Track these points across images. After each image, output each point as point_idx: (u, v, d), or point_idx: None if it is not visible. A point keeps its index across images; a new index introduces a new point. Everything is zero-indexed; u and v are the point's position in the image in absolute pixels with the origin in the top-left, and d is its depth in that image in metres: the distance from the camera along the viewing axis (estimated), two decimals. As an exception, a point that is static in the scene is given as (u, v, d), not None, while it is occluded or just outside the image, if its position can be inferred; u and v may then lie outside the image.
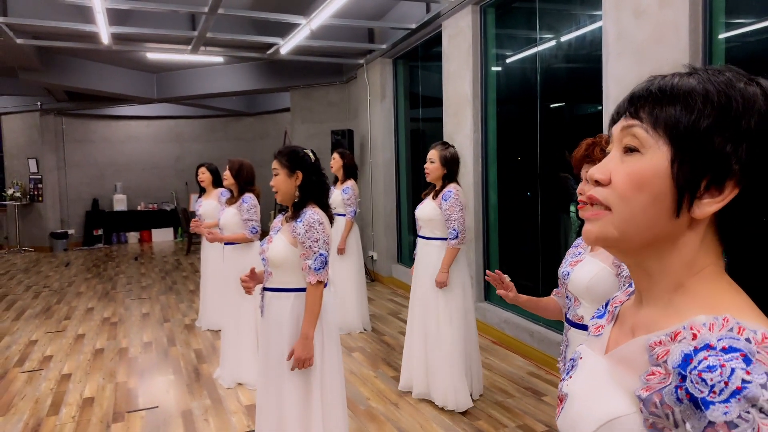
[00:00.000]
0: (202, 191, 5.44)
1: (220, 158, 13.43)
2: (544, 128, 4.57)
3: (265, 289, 2.46)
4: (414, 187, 7.31)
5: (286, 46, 6.31)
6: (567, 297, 1.88)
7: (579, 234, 4.96)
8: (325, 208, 2.40)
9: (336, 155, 5.23)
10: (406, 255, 7.46)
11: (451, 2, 5.07)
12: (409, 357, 3.66)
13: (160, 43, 6.87)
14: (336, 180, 5.38)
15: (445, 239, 3.45)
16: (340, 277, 5.14)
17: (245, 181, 3.99)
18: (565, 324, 1.89)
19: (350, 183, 5.19)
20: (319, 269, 2.29)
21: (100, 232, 12.30)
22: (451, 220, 3.36)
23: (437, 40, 5.99)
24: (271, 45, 6.83)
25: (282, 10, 5.66)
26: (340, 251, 5.16)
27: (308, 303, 2.31)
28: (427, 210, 3.48)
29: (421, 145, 7.09)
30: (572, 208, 5.14)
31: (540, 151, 4.59)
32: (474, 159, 5.13)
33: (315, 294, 2.31)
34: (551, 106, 4.69)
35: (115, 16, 5.82)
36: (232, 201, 4.04)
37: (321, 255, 2.30)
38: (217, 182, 5.34)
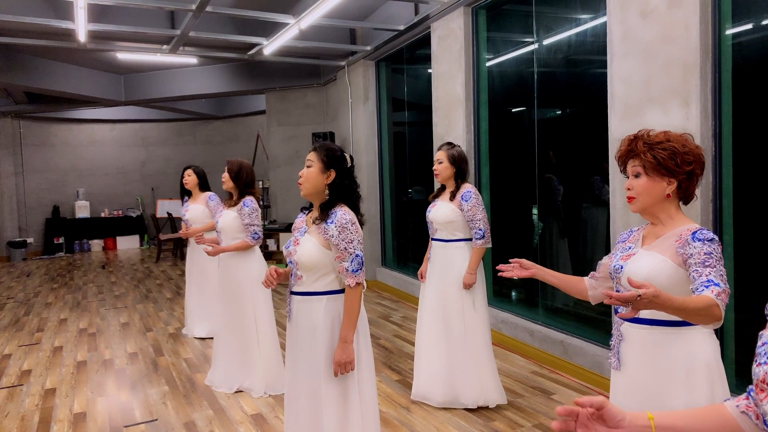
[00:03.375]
0: (187, 194, 5.23)
1: (188, 162, 13.06)
2: (538, 130, 4.60)
3: (293, 293, 2.35)
4: (398, 190, 7.27)
5: (271, 47, 6.18)
6: (618, 291, 1.86)
7: (544, 235, 5.02)
8: (356, 210, 2.32)
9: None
10: (390, 258, 7.41)
11: (443, 3, 5.06)
12: (427, 365, 3.53)
13: (138, 42, 6.62)
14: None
15: (467, 240, 3.40)
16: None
17: (245, 184, 3.85)
18: (618, 319, 1.87)
19: None
20: (356, 271, 2.21)
21: (61, 240, 11.78)
22: (476, 220, 3.34)
23: (423, 41, 5.99)
24: (252, 45, 6.68)
25: (264, 8, 5.54)
26: None
27: (347, 306, 2.23)
28: (444, 212, 3.41)
29: (405, 148, 7.06)
30: (534, 211, 5.21)
31: (535, 154, 4.62)
32: (467, 160, 5.12)
33: (354, 297, 2.22)
34: (544, 108, 4.72)
35: (90, 14, 5.57)
36: (231, 203, 3.89)
37: (357, 256, 2.22)
38: (204, 185, 5.15)
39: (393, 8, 6.20)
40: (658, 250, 1.74)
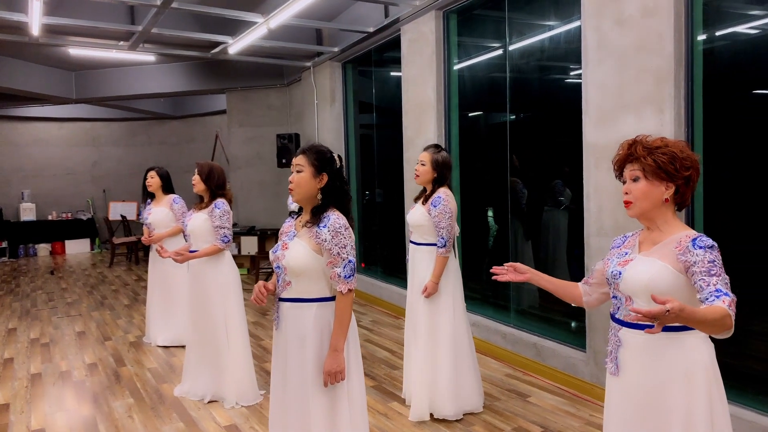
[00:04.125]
0: (149, 197, 5.03)
1: (142, 164, 12.62)
2: (509, 134, 4.64)
3: (281, 299, 2.27)
4: (364, 192, 7.22)
5: (237, 45, 6.02)
6: (615, 297, 1.86)
7: (514, 237, 5.12)
8: (347, 214, 2.26)
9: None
10: (357, 261, 7.33)
11: (415, 6, 5.05)
12: (408, 369, 3.54)
13: (95, 38, 6.33)
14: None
15: (435, 245, 3.38)
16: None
17: (217, 185, 3.72)
18: (614, 324, 1.87)
19: None
20: (349, 277, 2.15)
21: (4, 244, 11.16)
22: (440, 228, 3.29)
23: (391, 44, 5.97)
24: (215, 44, 6.50)
25: (228, 6, 5.36)
26: None
27: (339, 313, 2.16)
28: (416, 216, 3.40)
29: (373, 150, 7.02)
30: (490, 213, 5.29)
31: (507, 157, 4.67)
32: (438, 163, 5.12)
33: (346, 303, 2.16)
34: (514, 112, 4.78)
35: (44, 6, 5.28)
36: (201, 206, 3.75)
37: (350, 261, 2.16)
38: (168, 188, 4.97)
39: (361, 10, 6.15)
40: (657, 256, 1.74)
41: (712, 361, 1.74)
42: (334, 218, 2.19)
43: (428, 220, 3.36)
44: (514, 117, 4.77)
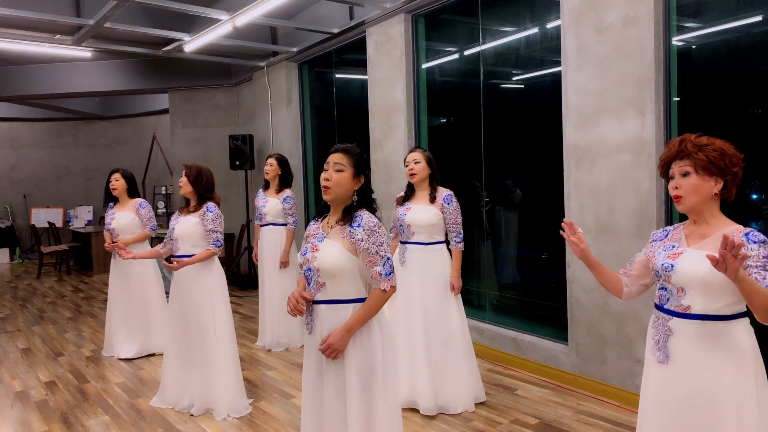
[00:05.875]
0: (112, 200, 4.73)
1: (68, 167, 11.87)
2: (484, 135, 4.77)
3: (315, 302, 2.22)
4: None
5: (194, 43, 5.77)
6: (664, 288, 1.91)
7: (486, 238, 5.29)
8: (374, 213, 2.25)
9: (273, 161, 4.91)
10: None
11: (384, 8, 5.07)
12: (411, 371, 3.48)
13: (29, 31, 5.86)
14: (267, 186, 5.05)
15: (445, 242, 3.44)
16: (281, 290, 4.84)
17: (205, 189, 3.58)
18: (662, 314, 1.91)
19: (290, 192, 4.92)
20: (389, 274, 2.14)
21: None
22: (457, 224, 3.42)
23: (355, 45, 5.95)
24: (167, 41, 6.20)
25: (185, 2, 5.12)
26: (284, 264, 4.86)
27: (370, 303, 2.14)
28: (426, 215, 3.41)
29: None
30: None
31: (481, 160, 4.79)
32: (409, 165, 5.17)
33: (381, 300, 2.14)
34: (470, 116, 4.91)
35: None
36: (188, 210, 3.58)
37: (388, 259, 2.15)
38: (133, 191, 4.70)
39: (321, 10, 6.09)
40: (710, 249, 1.79)
41: (757, 347, 1.84)
42: (367, 218, 2.17)
43: (441, 219, 3.42)
44: (483, 119, 4.90)
